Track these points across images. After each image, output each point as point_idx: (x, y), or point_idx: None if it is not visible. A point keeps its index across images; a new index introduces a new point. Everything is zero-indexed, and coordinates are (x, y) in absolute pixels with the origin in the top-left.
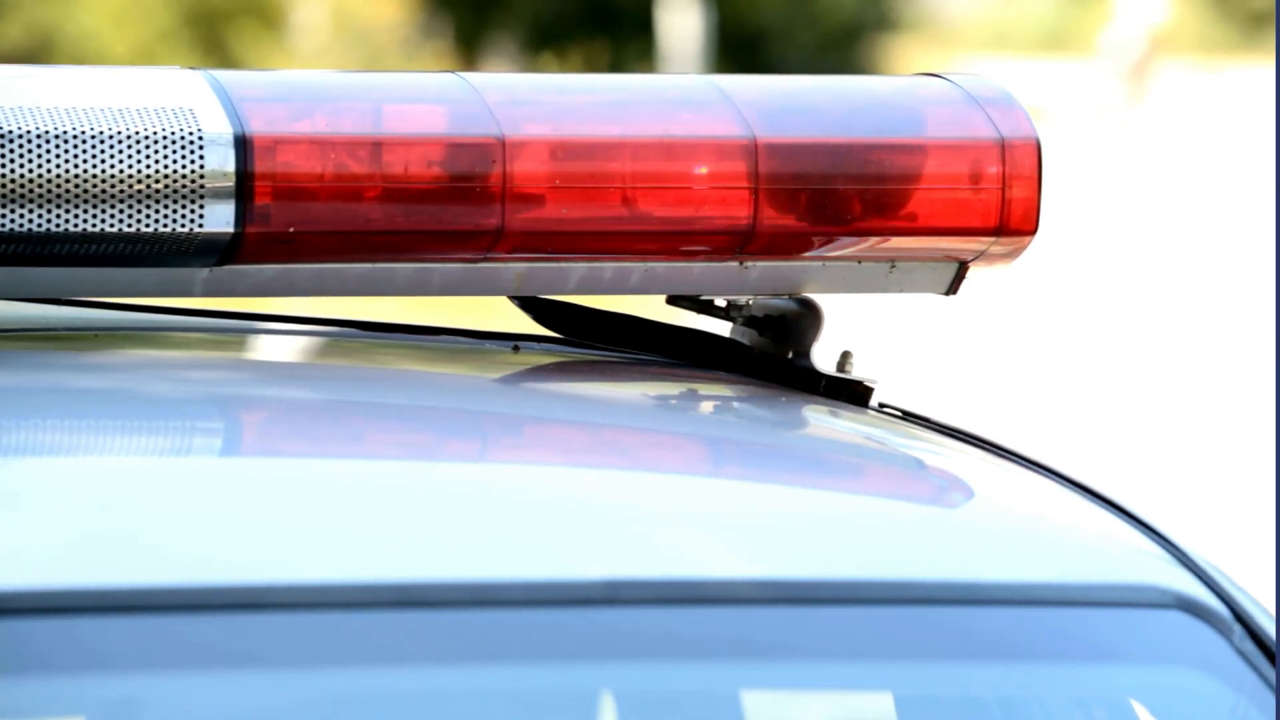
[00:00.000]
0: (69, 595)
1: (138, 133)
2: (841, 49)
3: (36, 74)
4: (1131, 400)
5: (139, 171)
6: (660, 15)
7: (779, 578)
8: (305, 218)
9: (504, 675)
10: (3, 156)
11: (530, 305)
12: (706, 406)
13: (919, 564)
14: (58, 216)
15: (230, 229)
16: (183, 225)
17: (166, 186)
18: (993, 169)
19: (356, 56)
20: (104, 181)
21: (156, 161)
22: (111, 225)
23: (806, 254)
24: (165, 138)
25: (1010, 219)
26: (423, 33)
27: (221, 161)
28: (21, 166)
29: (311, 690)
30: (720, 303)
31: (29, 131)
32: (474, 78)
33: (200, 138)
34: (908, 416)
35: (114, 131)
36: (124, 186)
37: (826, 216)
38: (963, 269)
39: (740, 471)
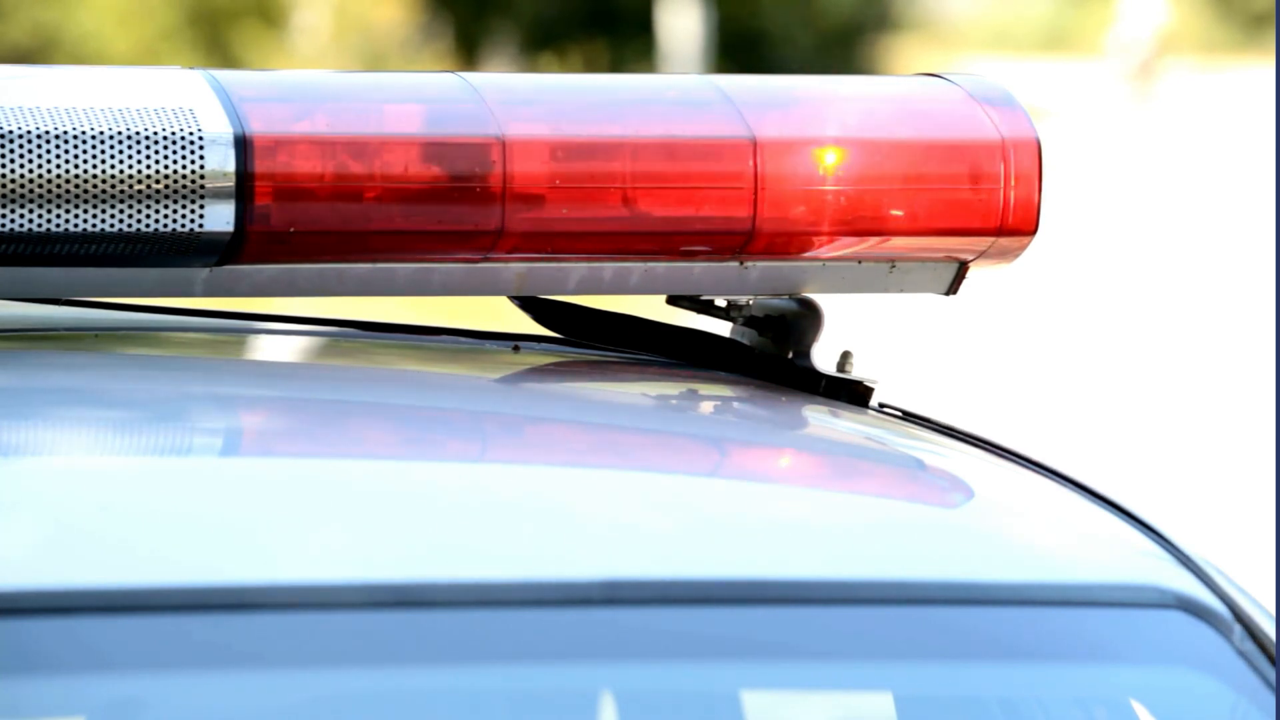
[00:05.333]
0: (69, 595)
1: (138, 133)
2: (841, 49)
3: (36, 74)
4: (1132, 400)
5: (139, 171)
6: (660, 15)
7: (779, 578)
8: (305, 218)
9: (504, 675)
10: (3, 156)
11: (530, 305)
12: (706, 406)
13: (919, 564)
14: (58, 216)
15: (230, 229)
16: (183, 225)
17: (166, 186)
18: (993, 169)
19: (357, 57)
20: (104, 181)
21: (156, 161)
22: (111, 225)
23: (806, 254)
24: (165, 138)
25: (1010, 219)
26: (423, 33)
27: (221, 161)
28: (21, 166)
29: (311, 690)
30: (720, 303)
31: (29, 131)
32: (474, 78)
33: (200, 138)
34: (908, 416)
35: (114, 131)
36: (124, 186)
37: (826, 216)
38: (963, 269)
39: (740, 472)
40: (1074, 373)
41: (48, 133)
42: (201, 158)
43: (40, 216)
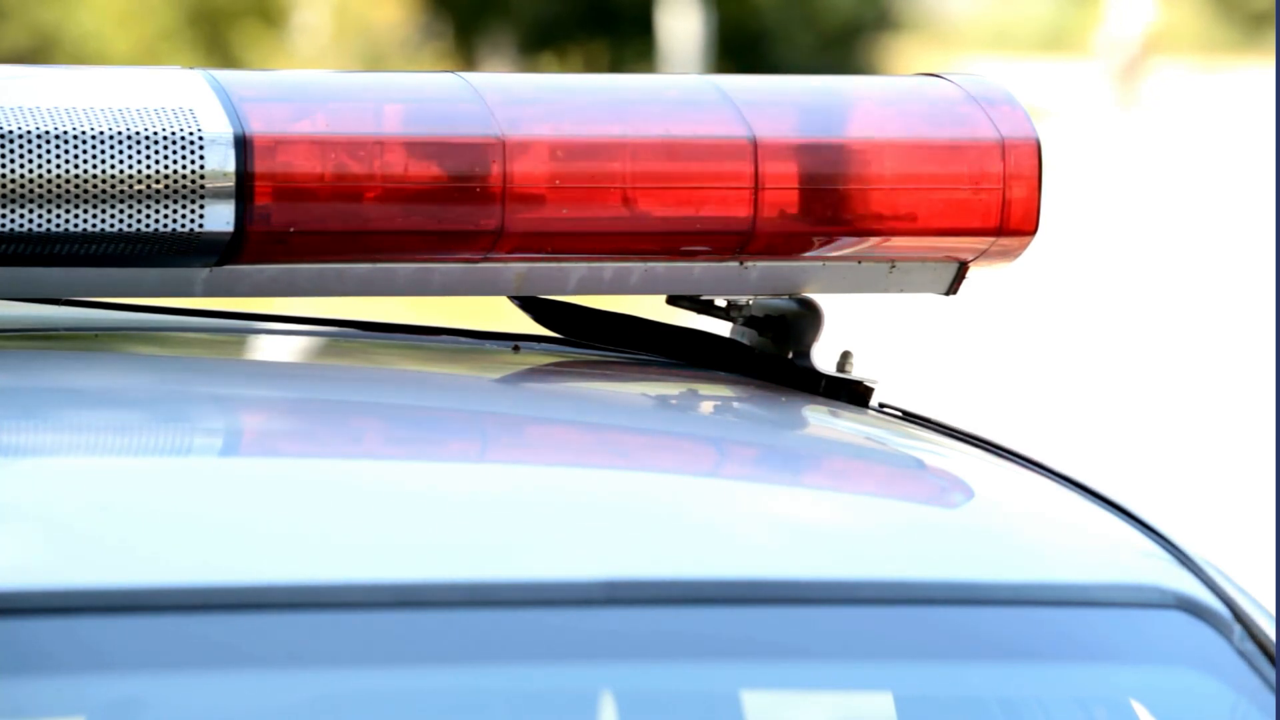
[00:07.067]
0: (69, 595)
1: (138, 133)
2: (841, 49)
3: (36, 74)
4: (1131, 400)
5: (139, 171)
6: (660, 16)
7: (779, 578)
8: (305, 218)
9: (504, 675)
10: (3, 156)
11: (530, 305)
12: (706, 406)
13: (919, 564)
14: (58, 216)
15: (230, 229)
16: (183, 225)
17: (166, 186)
18: (993, 169)
19: (357, 57)
20: (104, 181)
21: (156, 161)
22: (111, 225)
23: (806, 254)
24: (165, 138)
25: (1010, 219)
26: (423, 33)
27: (221, 161)
28: (21, 166)
29: (311, 690)
30: (720, 303)
31: (29, 131)
32: (474, 78)
33: (200, 138)
34: (908, 416)
35: (114, 131)
36: (124, 186)
37: (826, 216)
38: (963, 269)
39: (740, 472)
40: (1072, 373)
41: (48, 133)
42: (201, 158)
43: (40, 216)
